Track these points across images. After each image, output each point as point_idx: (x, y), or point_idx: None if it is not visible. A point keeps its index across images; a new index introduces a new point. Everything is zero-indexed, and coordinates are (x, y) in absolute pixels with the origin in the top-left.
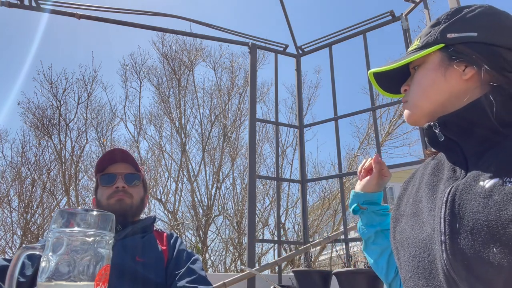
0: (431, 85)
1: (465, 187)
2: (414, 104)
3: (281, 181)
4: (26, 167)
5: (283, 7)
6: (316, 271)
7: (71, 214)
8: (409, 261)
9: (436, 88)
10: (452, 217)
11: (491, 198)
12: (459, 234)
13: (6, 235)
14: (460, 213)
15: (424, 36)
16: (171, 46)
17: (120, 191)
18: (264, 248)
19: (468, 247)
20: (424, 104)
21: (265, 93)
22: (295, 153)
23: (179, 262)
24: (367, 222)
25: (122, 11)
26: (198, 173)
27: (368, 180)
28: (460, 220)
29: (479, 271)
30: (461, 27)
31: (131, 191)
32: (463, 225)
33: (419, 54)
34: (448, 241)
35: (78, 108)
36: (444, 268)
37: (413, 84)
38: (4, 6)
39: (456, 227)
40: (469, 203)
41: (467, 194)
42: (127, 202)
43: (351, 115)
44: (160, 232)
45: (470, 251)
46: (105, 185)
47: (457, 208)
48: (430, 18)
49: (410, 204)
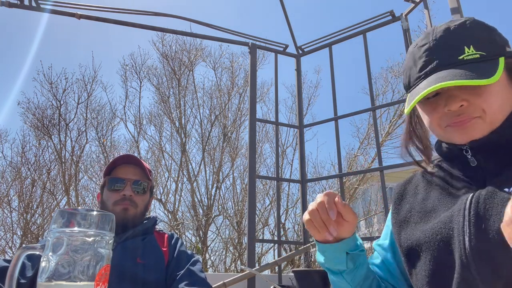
0: (507, 98)
1: (488, 193)
2: (491, 122)
3: (281, 181)
4: (26, 167)
5: (283, 7)
6: (316, 271)
7: (71, 214)
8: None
9: (509, 100)
10: (477, 218)
11: None
12: (485, 235)
13: (6, 235)
14: (486, 215)
15: (479, 43)
16: (171, 46)
17: (126, 199)
18: (264, 248)
19: (494, 247)
20: (499, 120)
21: (265, 93)
22: (295, 153)
23: (179, 263)
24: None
25: (122, 11)
26: (198, 173)
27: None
28: (486, 221)
29: (503, 269)
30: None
31: (137, 199)
32: (489, 225)
33: (498, 74)
34: (474, 241)
35: (78, 108)
36: (466, 269)
37: (487, 99)
38: (4, 6)
39: (482, 227)
40: (495, 207)
41: (492, 199)
42: (131, 212)
43: (351, 115)
44: (161, 233)
45: (496, 251)
46: (113, 189)
47: (482, 211)
48: (430, 18)
49: (417, 212)
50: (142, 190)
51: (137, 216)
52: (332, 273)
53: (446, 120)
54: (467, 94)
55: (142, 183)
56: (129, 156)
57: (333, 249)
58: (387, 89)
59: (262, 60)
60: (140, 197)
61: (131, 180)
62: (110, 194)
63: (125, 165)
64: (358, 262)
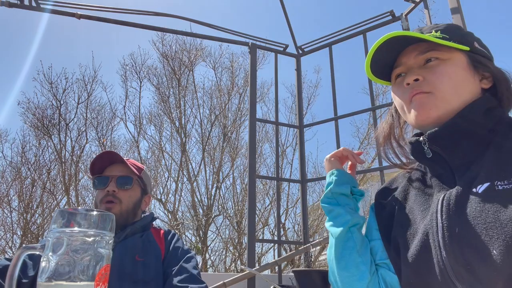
0: (463, 82)
1: (458, 194)
2: (443, 98)
3: (281, 181)
4: (26, 167)
5: (283, 7)
6: (316, 271)
7: (71, 214)
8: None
9: (467, 87)
10: (449, 222)
11: (487, 201)
12: (459, 239)
13: (6, 235)
14: (458, 218)
15: (446, 31)
16: (171, 46)
17: (109, 195)
18: (264, 248)
19: (469, 250)
20: (454, 101)
21: (265, 93)
22: (295, 153)
23: (173, 259)
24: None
25: (122, 11)
26: (198, 173)
27: None
28: (459, 225)
29: (481, 273)
30: (480, 44)
31: (121, 195)
32: (462, 229)
33: (453, 44)
34: (448, 246)
35: (78, 108)
36: (444, 272)
37: (439, 76)
38: (4, 6)
39: (455, 231)
40: (465, 209)
41: (462, 200)
42: (114, 209)
43: (351, 115)
44: (157, 229)
45: (471, 254)
46: (98, 188)
47: (453, 214)
48: (430, 18)
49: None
50: (125, 184)
51: (124, 213)
52: (336, 197)
53: (406, 96)
54: (423, 71)
55: (126, 178)
56: (109, 155)
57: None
58: (387, 89)
59: (262, 60)
60: (124, 192)
61: (115, 177)
62: (98, 192)
63: (112, 164)
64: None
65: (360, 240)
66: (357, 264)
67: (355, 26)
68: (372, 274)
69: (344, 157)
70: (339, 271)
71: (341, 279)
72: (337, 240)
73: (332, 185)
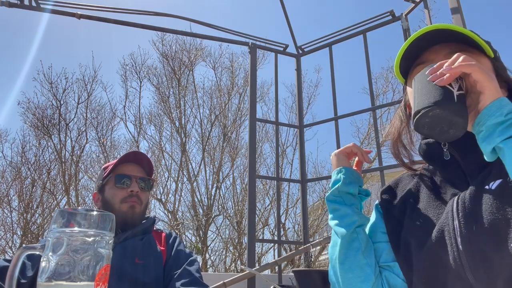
0: None
1: (472, 193)
2: None
3: (281, 181)
4: (26, 167)
5: (283, 7)
6: (316, 271)
7: (71, 214)
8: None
9: None
10: (466, 219)
11: (501, 197)
12: (477, 235)
13: (6, 235)
14: (474, 215)
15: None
16: (171, 46)
17: (134, 195)
18: (264, 248)
19: (486, 246)
20: None
21: (265, 93)
22: (295, 153)
23: (176, 262)
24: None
25: (122, 11)
26: (198, 173)
27: None
28: (476, 223)
29: (498, 267)
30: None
31: (142, 196)
32: (480, 226)
33: (490, 50)
34: (466, 243)
35: (78, 108)
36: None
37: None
38: (4, 6)
39: (473, 228)
40: (481, 206)
41: (476, 198)
42: (137, 210)
43: (351, 115)
44: (159, 232)
45: (490, 250)
46: (120, 186)
47: (469, 212)
48: (430, 18)
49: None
50: (146, 187)
51: (142, 214)
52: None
53: None
54: None
55: (147, 180)
56: (136, 153)
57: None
58: (387, 89)
59: (262, 60)
60: (145, 194)
61: (137, 177)
62: (116, 191)
63: (128, 162)
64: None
65: (365, 241)
66: (362, 265)
67: (355, 26)
68: (376, 276)
69: (352, 153)
70: (342, 272)
71: (345, 280)
72: (343, 240)
73: (340, 183)
